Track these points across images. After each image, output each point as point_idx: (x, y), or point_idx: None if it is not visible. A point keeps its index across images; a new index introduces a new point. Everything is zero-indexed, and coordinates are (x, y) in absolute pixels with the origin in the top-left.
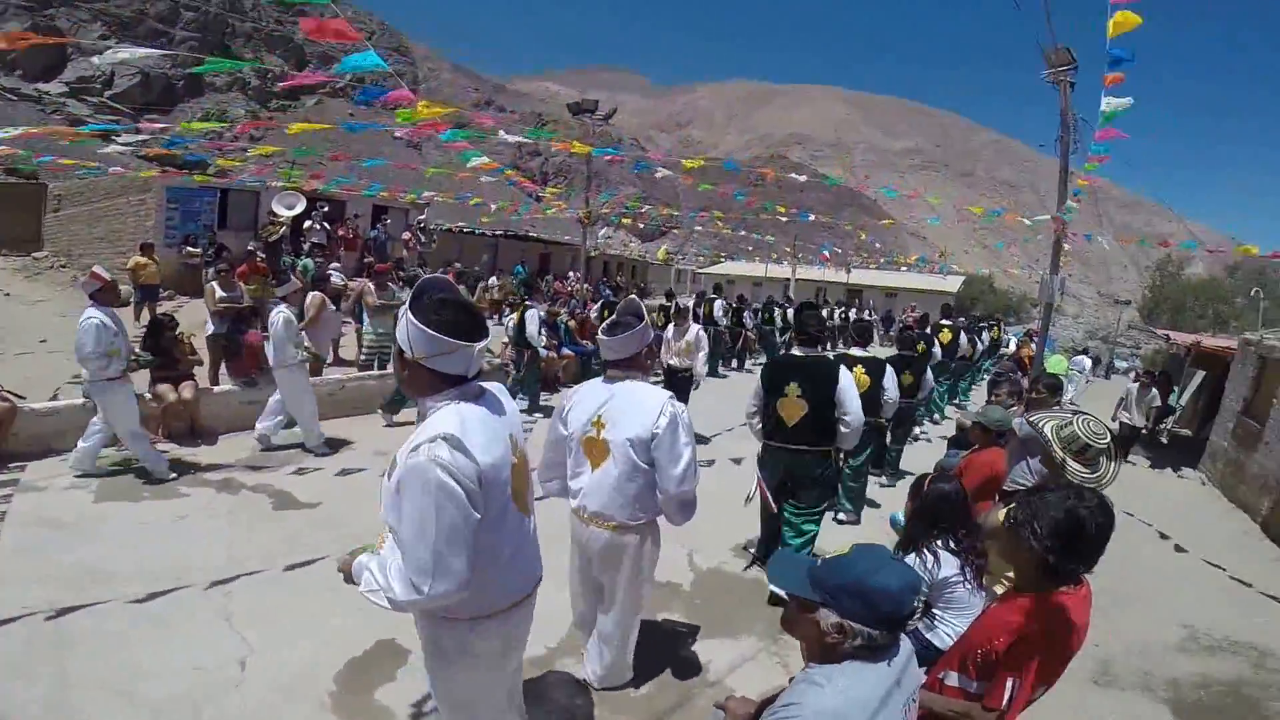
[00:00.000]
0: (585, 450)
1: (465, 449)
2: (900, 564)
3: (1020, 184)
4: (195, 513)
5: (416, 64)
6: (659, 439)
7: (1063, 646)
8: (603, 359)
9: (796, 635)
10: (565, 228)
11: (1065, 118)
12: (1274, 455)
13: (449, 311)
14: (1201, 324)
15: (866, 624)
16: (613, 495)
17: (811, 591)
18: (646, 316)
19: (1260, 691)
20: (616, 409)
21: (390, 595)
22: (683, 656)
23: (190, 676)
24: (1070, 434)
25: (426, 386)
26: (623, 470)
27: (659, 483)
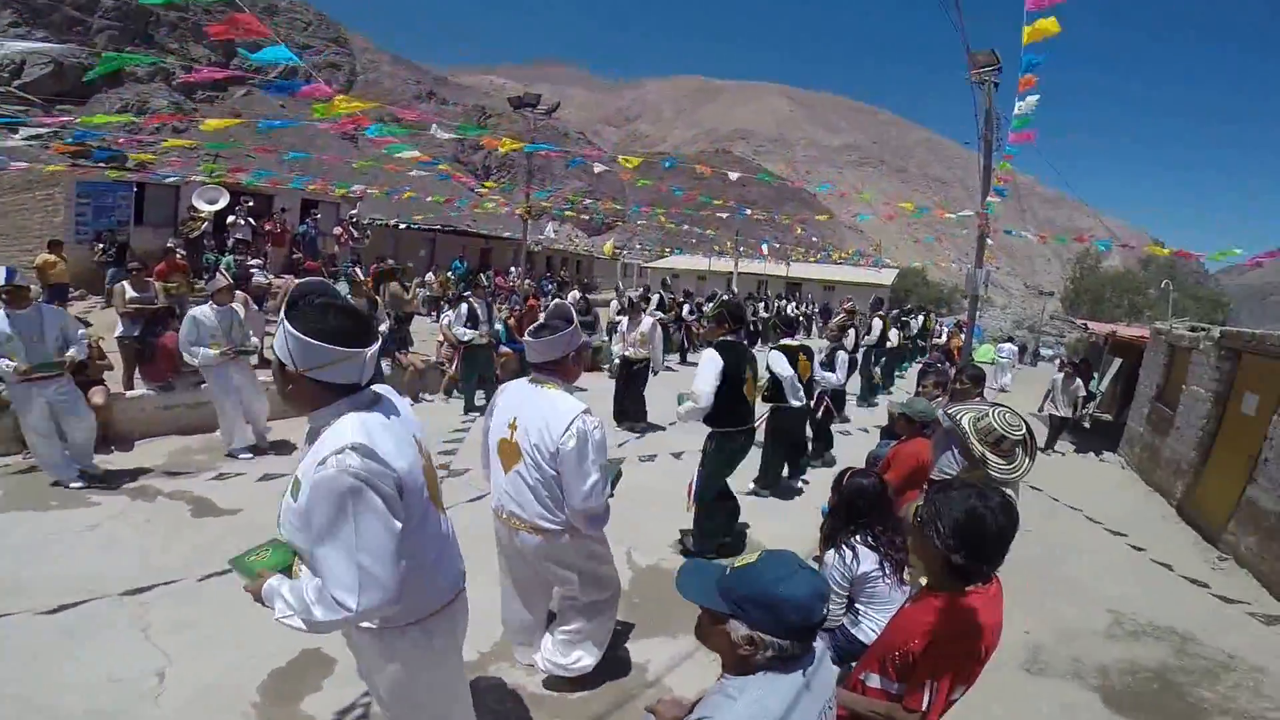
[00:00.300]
0: (500, 451)
1: (377, 456)
2: (808, 571)
3: (951, 180)
4: (108, 521)
5: (355, 55)
6: (564, 455)
7: (976, 647)
8: (528, 360)
9: (709, 647)
10: (508, 222)
11: (989, 117)
12: (1185, 440)
13: (333, 318)
14: (1118, 313)
15: (776, 635)
16: (527, 499)
17: (719, 603)
18: (575, 321)
19: (1185, 677)
20: (529, 413)
21: (308, 618)
22: (620, 656)
23: (108, 689)
24: (986, 426)
25: (315, 399)
26: (534, 476)
27: (565, 496)
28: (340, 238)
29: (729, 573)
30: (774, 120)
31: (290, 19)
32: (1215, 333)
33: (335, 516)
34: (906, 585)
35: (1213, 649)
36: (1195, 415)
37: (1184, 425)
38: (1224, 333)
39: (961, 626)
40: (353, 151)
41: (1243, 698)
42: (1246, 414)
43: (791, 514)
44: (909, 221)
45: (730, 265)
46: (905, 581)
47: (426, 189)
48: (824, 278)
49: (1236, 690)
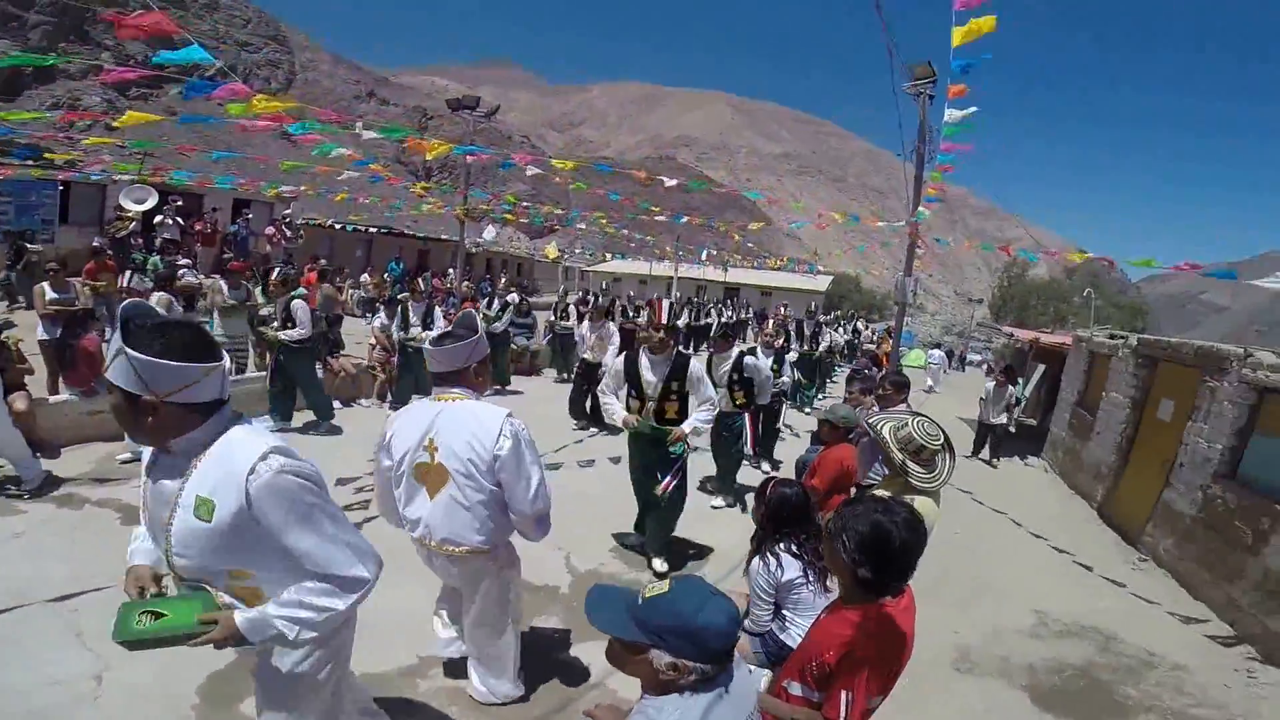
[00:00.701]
0: (418, 477)
1: (292, 454)
2: (720, 598)
3: (887, 190)
4: (34, 529)
5: (294, 54)
6: (502, 461)
7: (890, 658)
8: (429, 371)
9: (628, 673)
10: (449, 224)
11: (922, 129)
12: (1105, 444)
13: (178, 334)
14: (1044, 320)
15: (699, 660)
16: (462, 521)
17: (638, 634)
18: (480, 332)
19: (1110, 674)
20: (449, 430)
21: (330, 613)
22: (562, 660)
23: (46, 692)
24: (906, 435)
25: (182, 425)
26: (470, 495)
27: (510, 504)
28: (272, 238)
29: (642, 603)
30: (717, 128)
31: (229, 15)
32: (1133, 340)
33: (303, 513)
34: (831, 592)
35: (1135, 647)
36: (1114, 420)
37: (1104, 430)
38: (1141, 340)
39: (872, 639)
40: (287, 151)
41: (1165, 695)
42: (1162, 420)
43: (728, 520)
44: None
45: (670, 270)
46: (829, 588)
47: (364, 190)
48: (761, 283)
49: (1159, 688)
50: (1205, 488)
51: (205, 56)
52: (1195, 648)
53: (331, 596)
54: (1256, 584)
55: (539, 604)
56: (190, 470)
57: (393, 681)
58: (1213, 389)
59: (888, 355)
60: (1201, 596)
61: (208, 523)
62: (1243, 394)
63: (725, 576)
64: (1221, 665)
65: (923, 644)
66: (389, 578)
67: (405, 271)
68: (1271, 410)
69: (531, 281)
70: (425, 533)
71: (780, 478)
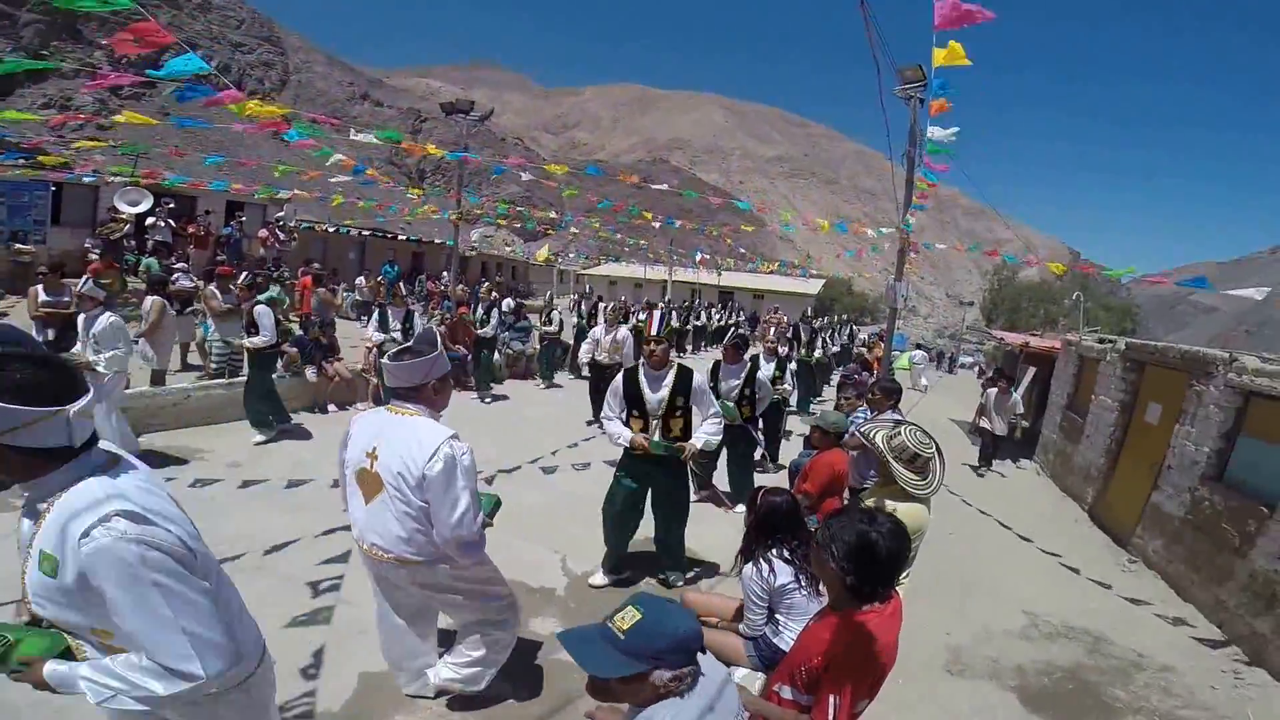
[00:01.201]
0: (359, 481)
1: (148, 518)
2: (675, 604)
3: (879, 192)
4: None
5: (288, 55)
6: (430, 481)
7: (871, 665)
8: (386, 384)
9: (626, 702)
10: (442, 227)
11: (913, 133)
12: (1095, 447)
13: (17, 371)
14: (1034, 323)
15: (690, 665)
16: (390, 530)
17: (637, 664)
18: (440, 348)
19: (1098, 676)
20: (391, 441)
21: (145, 695)
22: (559, 661)
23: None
24: (899, 444)
25: (27, 469)
26: (398, 507)
27: (435, 525)
28: (266, 240)
29: (625, 635)
30: (710, 130)
31: (223, 16)
32: (1121, 344)
33: (135, 590)
34: (823, 597)
35: (1124, 649)
36: (1104, 424)
37: (1093, 433)
38: (1129, 344)
39: (857, 645)
40: (281, 153)
41: (1153, 696)
42: (1151, 423)
43: (718, 524)
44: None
45: (665, 274)
46: (821, 593)
47: (358, 192)
48: (754, 287)
49: (1147, 689)
50: (1193, 490)
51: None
52: (1183, 649)
53: (154, 679)
54: (1243, 585)
55: (535, 606)
56: (42, 518)
57: (392, 680)
58: (1199, 393)
59: (879, 360)
60: (1190, 598)
61: (53, 579)
62: (1229, 398)
63: (718, 583)
64: (1209, 666)
65: (914, 645)
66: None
67: (400, 274)
68: (1257, 413)
69: (525, 285)
70: (361, 535)
71: (769, 487)
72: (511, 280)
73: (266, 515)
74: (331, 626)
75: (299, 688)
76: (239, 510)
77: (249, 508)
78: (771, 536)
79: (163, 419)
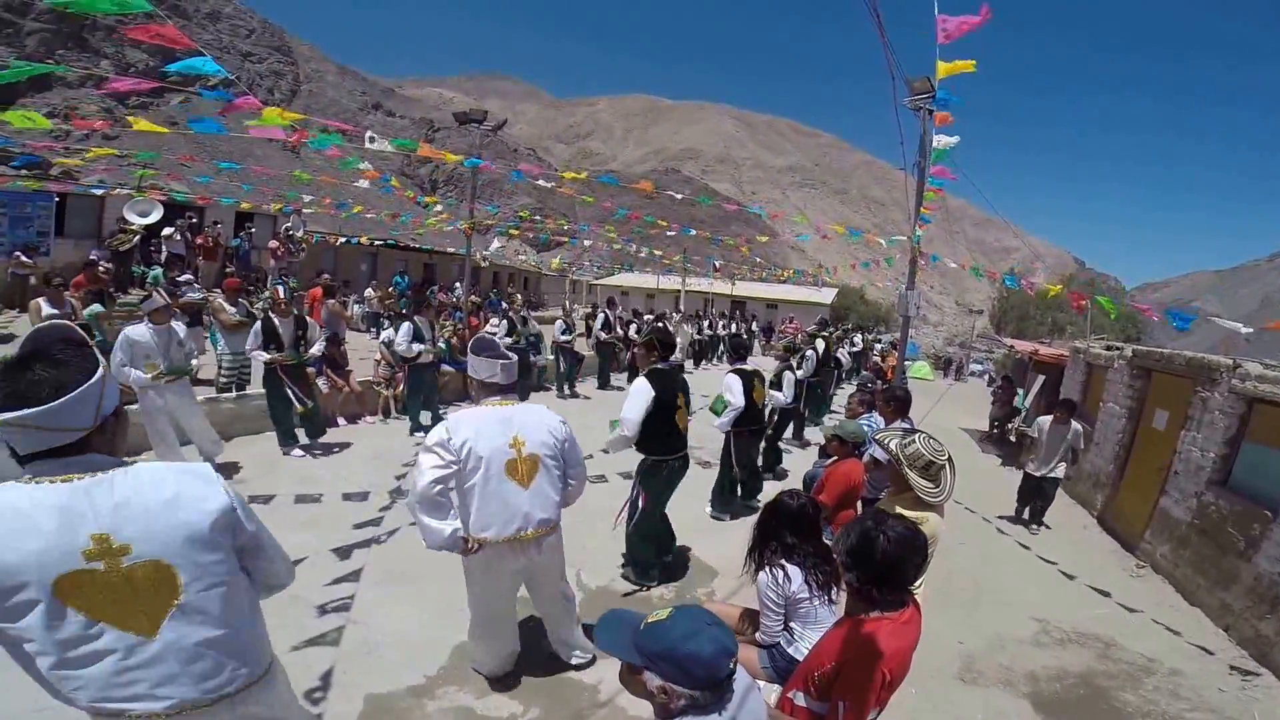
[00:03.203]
0: (509, 473)
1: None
2: (716, 629)
3: (889, 202)
4: None
5: (299, 64)
6: (571, 444)
7: (874, 672)
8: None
9: (631, 693)
10: (454, 237)
11: (923, 143)
12: (1103, 454)
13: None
14: (1042, 330)
15: (685, 687)
16: (551, 499)
17: (635, 657)
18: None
19: (1109, 681)
20: (529, 426)
21: None
22: (572, 677)
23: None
24: (914, 451)
25: None
26: (554, 479)
27: (573, 477)
28: (276, 251)
29: (643, 628)
30: (721, 141)
31: (233, 25)
32: (1128, 352)
33: None
34: (836, 605)
35: (1133, 653)
36: (1112, 430)
37: (1102, 440)
38: (1136, 352)
39: (860, 651)
40: (292, 162)
41: (1163, 700)
42: (1158, 429)
43: (737, 535)
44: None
45: (678, 283)
46: (835, 601)
47: (370, 203)
48: (768, 296)
49: (1157, 693)
50: (1199, 495)
51: (215, 68)
52: (1191, 653)
53: None
54: (1248, 589)
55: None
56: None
57: (401, 702)
58: (1204, 399)
59: (893, 369)
60: (1197, 602)
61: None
62: (1233, 404)
63: (735, 592)
64: (1216, 670)
65: (927, 653)
66: (395, 600)
67: (411, 285)
68: (1261, 419)
69: (538, 295)
70: (522, 526)
71: (787, 490)
72: (524, 290)
73: (274, 532)
74: (339, 648)
75: (306, 708)
76: None
77: None
78: (780, 539)
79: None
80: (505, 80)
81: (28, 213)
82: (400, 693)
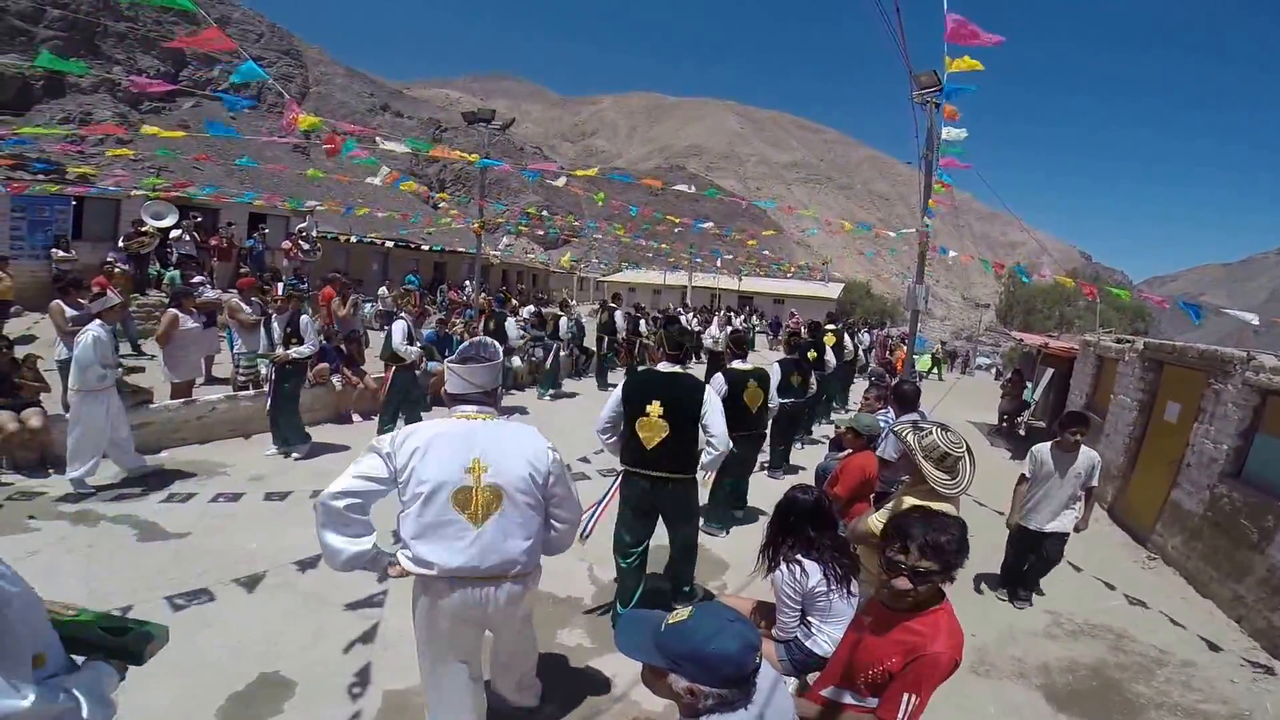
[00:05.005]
0: (456, 503)
1: None
2: (739, 624)
3: (894, 197)
4: (48, 547)
5: (308, 67)
6: (557, 477)
7: (949, 663)
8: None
9: (657, 695)
10: (463, 236)
11: (930, 137)
12: (1114, 446)
13: None
14: (1049, 324)
15: (713, 686)
16: (516, 545)
17: (658, 659)
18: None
19: (1121, 673)
20: (499, 447)
21: None
22: (586, 673)
23: None
24: (930, 443)
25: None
26: (523, 513)
27: (563, 516)
28: (289, 251)
29: (664, 629)
30: (725, 137)
31: (243, 30)
32: (1140, 344)
33: None
34: (855, 597)
35: (1145, 645)
36: (1123, 423)
37: (1112, 432)
38: (1147, 344)
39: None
40: (304, 164)
41: (1175, 691)
42: (1169, 421)
43: (746, 528)
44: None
45: (685, 279)
46: (854, 594)
47: (384, 204)
48: (774, 291)
49: (1169, 685)
50: (1212, 487)
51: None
52: (1203, 644)
53: None
54: (1262, 580)
55: (562, 616)
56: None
57: (417, 698)
58: (1217, 391)
59: (901, 361)
60: (1209, 594)
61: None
62: (1246, 396)
63: (745, 586)
64: (1229, 661)
65: None
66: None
67: (422, 284)
68: (1275, 411)
69: (546, 292)
70: (472, 564)
71: (799, 484)
72: (533, 287)
73: (290, 530)
74: (358, 643)
75: (324, 705)
76: (262, 525)
77: (272, 523)
78: (796, 534)
79: (185, 433)
80: (510, 80)
81: (46, 216)
82: (416, 688)
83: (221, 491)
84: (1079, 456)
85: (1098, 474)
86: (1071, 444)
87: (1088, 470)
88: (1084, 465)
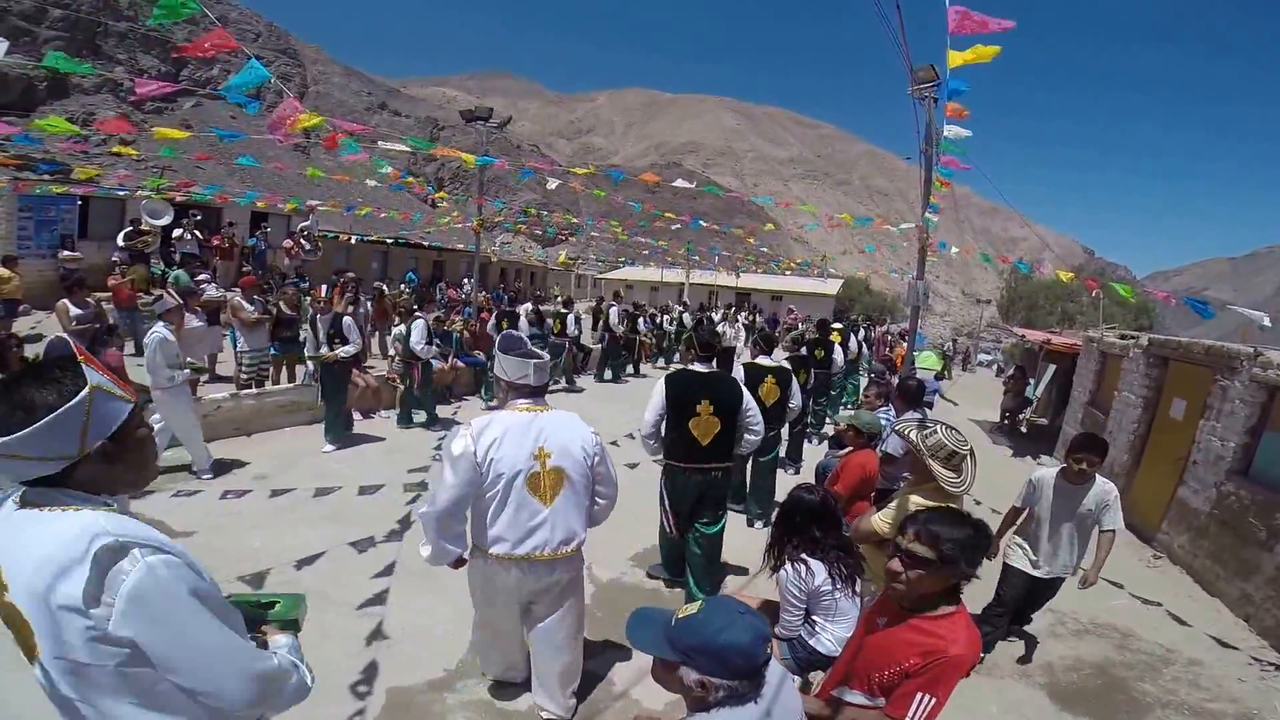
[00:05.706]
0: (530, 488)
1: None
2: (749, 616)
3: (892, 193)
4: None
5: (305, 66)
6: (604, 457)
7: (967, 662)
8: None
9: (667, 689)
10: (461, 234)
11: (929, 132)
12: (1118, 443)
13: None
14: (1052, 320)
15: (724, 678)
16: (575, 518)
17: (670, 653)
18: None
19: (1126, 671)
20: (558, 435)
21: None
22: (586, 670)
23: None
24: (936, 442)
25: None
26: (579, 496)
27: (604, 491)
28: (290, 250)
29: (675, 623)
30: (721, 134)
31: (240, 30)
32: (1144, 340)
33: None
34: (859, 596)
35: (1151, 643)
36: (1127, 420)
37: (1117, 429)
38: (1152, 340)
39: (961, 644)
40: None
41: (1182, 690)
42: (1175, 418)
43: (748, 528)
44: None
45: (682, 276)
46: (858, 593)
47: (385, 202)
48: (772, 288)
49: (1176, 683)
50: (1219, 485)
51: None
52: (1210, 643)
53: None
54: (1269, 578)
55: None
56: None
57: (420, 695)
58: (1224, 388)
59: (901, 358)
60: (1216, 592)
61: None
62: (1254, 392)
63: (745, 585)
64: (1236, 660)
65: None
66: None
67: (421, 282)
68: None
69: (544, 289)
70: (539, 545)
71: (804, 484)
72: (530, 285)
73: (295, 527)
74: (362, 641)
75: (328, 703)
76: (267, 523)
77: (277, 520)
78: (801, 534)
79: None
80: (507, 78)
81: (53, 216)
82: (420, 686)
83: (227, 489)
84: (1089, 490)
85: (1115, 514)
86: (1078, 474)
87: (1098, 506)
88: (1093, 501)
